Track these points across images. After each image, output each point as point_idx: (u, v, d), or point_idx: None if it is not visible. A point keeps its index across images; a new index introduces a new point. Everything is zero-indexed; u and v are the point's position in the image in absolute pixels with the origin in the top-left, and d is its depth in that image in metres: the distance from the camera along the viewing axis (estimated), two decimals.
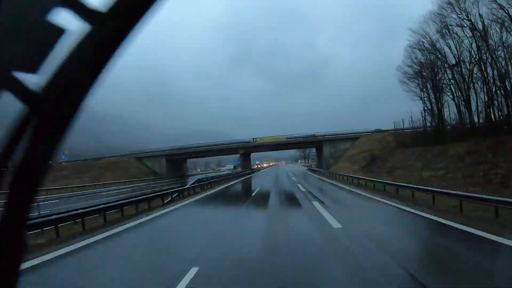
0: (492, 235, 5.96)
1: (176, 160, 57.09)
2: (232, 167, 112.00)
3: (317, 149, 55.42)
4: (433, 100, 29.89)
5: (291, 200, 14.01)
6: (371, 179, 19.72)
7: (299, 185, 21.30)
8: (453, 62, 26.85)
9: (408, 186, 13.79)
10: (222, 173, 61.19)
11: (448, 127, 27.80)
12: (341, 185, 21.34)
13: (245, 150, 50.63)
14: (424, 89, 30.87)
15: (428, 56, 28.80)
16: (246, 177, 38.37)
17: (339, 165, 40.76)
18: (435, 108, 29.97)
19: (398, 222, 8.66)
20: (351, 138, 47.15)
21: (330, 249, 5.96)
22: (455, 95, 27.29)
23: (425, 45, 28.45)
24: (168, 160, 54.98)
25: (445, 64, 27.56)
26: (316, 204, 11.81)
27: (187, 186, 18.76)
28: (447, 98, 28.47)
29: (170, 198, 15.97)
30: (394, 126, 35.76)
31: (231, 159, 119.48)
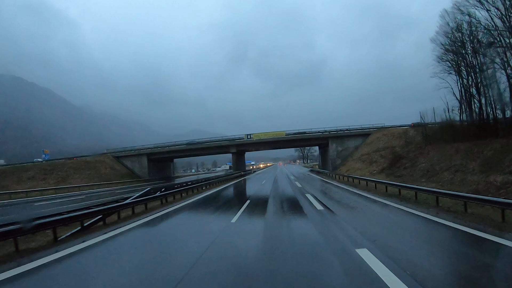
0: None
1: (161, 160, 49.59)
2: (228, 167, 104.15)
3: (321, 147, 48.03)
4: (479, 80, 22.67)
5: (310, 241, 6.62)
6: (425, 188, 12.38)
7: (310, 197, 13.93)
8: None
9: None
10: (215, 174, 54.13)
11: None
12: (369, 195, 13.97)
13: (237, 149, 43.16)
14: (466, 65, 23.65)
15: (474, 21, 21.61)
16: (237, 181, 30.94)
17: (350, 166, 33.47)
18: (480, 90, 22.77)
19: None
20: (362, 134, 39.89)
21: None
22: None
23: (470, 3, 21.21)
24: (151, 159, 47.43)
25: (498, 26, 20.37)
26: (381, 267, 4.44)
27: (124, 203, 11.21)
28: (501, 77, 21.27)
29: (79, 227, 8.56)
30: (421, 118, 28.54)
31: (228, 159, 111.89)
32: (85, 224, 8.67)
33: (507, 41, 20.47)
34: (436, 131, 26.34)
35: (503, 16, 19.66)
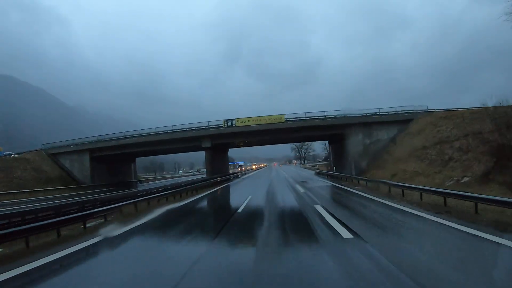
0: None
1: (112, 159, 34.97)
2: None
3: (334, 141, 33.73)
4: None
5: None
6: None
7: None
8: None
9: None
10: (197, 177, 40.48)
11: None
12: None
13: (213, 142, 28.15)
14: None
15: None
16: (193, 198, 16.61)
17: (396, 168, 19.51)
18: None
19: None
20: (399, 120, 25.98)
21: None
22: None
23: None
24: (95, 158, 32.82)
25: None
26: None
27: None
28: None
29: None
30: None
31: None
32: None
33: None
34: None
35: None
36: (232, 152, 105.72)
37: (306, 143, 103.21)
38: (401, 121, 25.89)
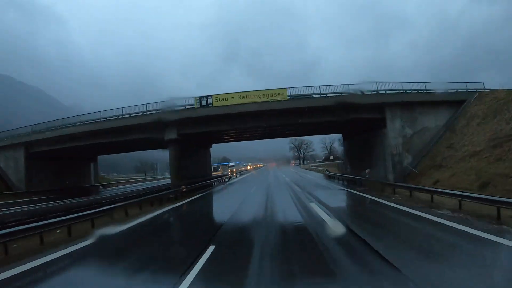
0: None
1: (66, 157, 26.48)
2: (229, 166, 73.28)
3: (350, 136, 25.18)
4: None
5: None
6: None
7: None
8: None
9: None
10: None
11: None
12: None
13: (180, 131, 18.30)
14: None
15: None
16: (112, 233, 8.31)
17: (476, 170, 11.21)
18: None
19: None
20: (449, 101, 17.76)
21: None
22: None
23: None
24: (35, 155, 24.27)
25: None
26: None
27: None
28: None
29: None
30: None
31: (228, 152, 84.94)
32: None
33: None
34: None
35: None
36: (227, 152, 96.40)
37: (306, 142, 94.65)
38: (452, 102, 17.73)
